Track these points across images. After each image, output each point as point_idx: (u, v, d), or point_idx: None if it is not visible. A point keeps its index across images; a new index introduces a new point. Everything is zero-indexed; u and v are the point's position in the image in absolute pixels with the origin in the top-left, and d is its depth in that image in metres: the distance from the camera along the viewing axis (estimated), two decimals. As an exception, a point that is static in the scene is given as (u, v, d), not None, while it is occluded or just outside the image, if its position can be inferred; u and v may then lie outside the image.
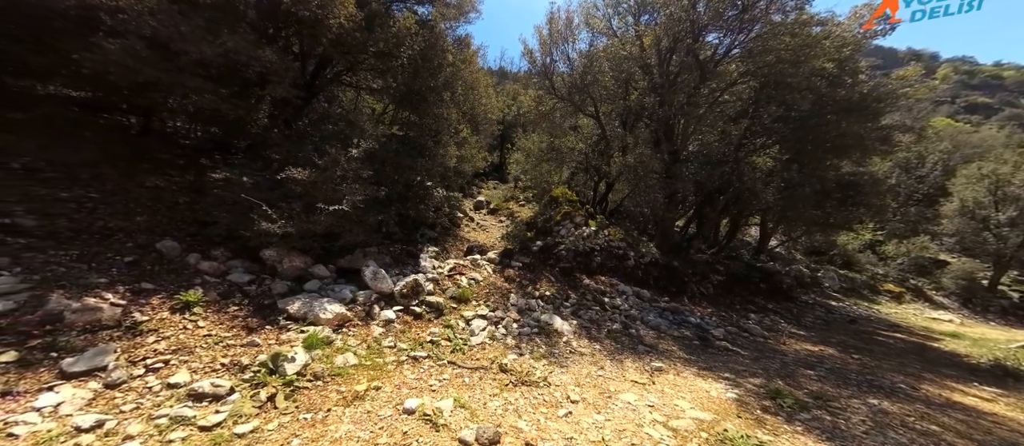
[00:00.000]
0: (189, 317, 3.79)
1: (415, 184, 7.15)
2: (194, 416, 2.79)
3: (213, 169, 6.67)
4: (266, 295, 4.49)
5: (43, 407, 2.59)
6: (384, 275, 5.19)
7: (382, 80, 8.01)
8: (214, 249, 4.92)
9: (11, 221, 4.12)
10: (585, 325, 5.71)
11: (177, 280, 4.28)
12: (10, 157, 4.85)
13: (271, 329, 3.97)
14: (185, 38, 4.79)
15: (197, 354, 3.42)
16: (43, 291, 3.41)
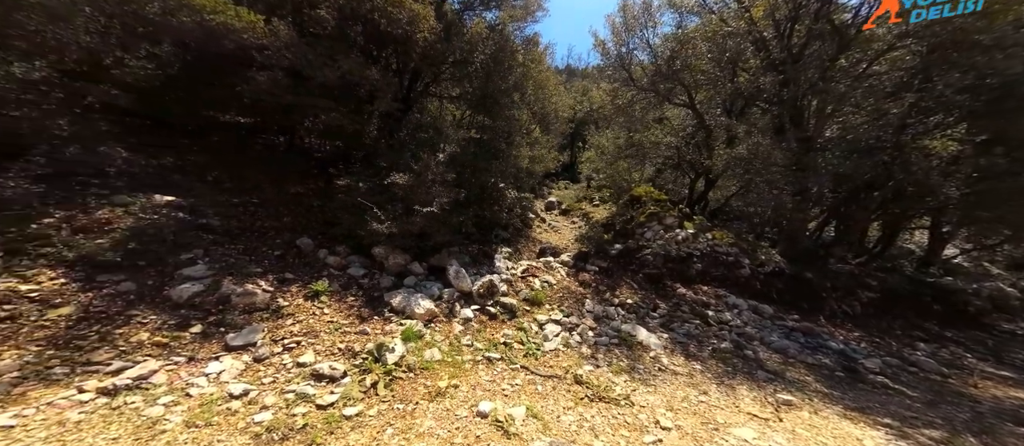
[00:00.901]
0: (317, 304, 4.37)
1: (489, 186, 7.23)
2: (314, 394, 3.16)
3: (337, 177, 7.67)
4: (375, 288, 4.96)
5: (210, 373, 3.20)
6: (464, 274, 5.33)
7: (459, 87, 8.28)
8: (338, 246, 5.62)
9: (206, 221, 5.25)
10: (680, 340, 5.09)
11: (310, 272, 4.98)
12: (205, 172, 6.21)
13: (378, 320, 4.36)
14: (312, 65, 5.55)
15: (321, 338, 3.91)
16: (220, 277, 4.25)
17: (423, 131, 7.68)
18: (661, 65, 8.33)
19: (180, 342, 3.43)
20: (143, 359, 3.14)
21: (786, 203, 7.40)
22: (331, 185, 7.55)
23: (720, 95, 8.72)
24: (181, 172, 6.12)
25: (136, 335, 3.34)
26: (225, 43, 5.54)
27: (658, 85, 8.54)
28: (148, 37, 5.65)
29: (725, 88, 8.42)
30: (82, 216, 4.36)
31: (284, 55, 5.54)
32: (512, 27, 8.16)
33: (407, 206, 5.33)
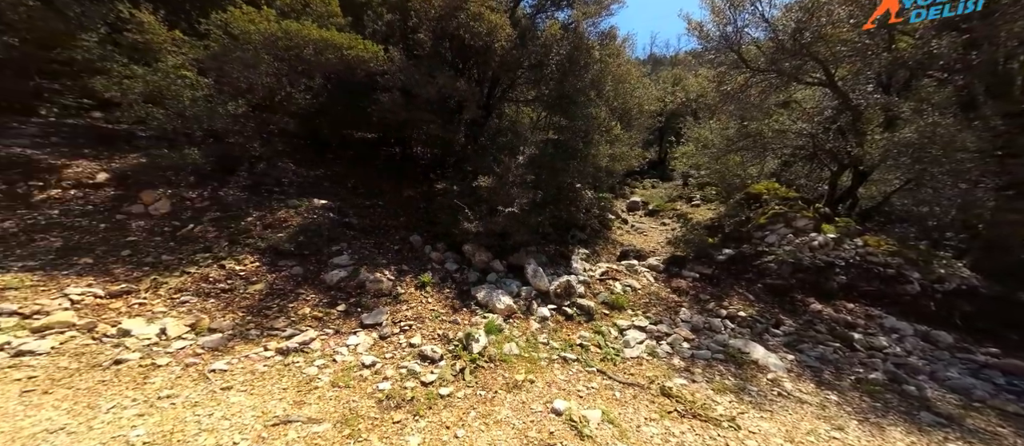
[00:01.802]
0: (424, 294, 4.74)
1: (566, 186, 6.78)
2: (419, 372, 3.44)
3: (436, 181, 8.18)
4: (464, 282, 5.20)
5: (350, 345, 3.66)
6: (542, 274, 5.22)
7: (534, 90, 7.88)
8: (438, 243, 6.01)
9: (348, 220, 6.02)
10: (811, 364, 4.14)
11: (419, 265, 5.42)
12: (345, 180, 7.11)
13: (466, 311, 4.57)
14: (418, 84, 5.92)
15: (426, 323, 4.24)
16: (358, 266, 4.85)
17: (502, 135, 7.58)
18: (784, 40, 6.45)
19: (330, 317, 4.01)
20: (305, 329, 3.74)
21: (984, 200, 5.42)
22: (432, 188, 8.10)
23: (871, 67, 6.44)
24: (329, 180, 7.10)
25: (301, 309, 3.99)
26: (357, 72, 6.10)
27: (781, 64, 6.60)
28: (305, 74, 6.38)
29: (878, 58, 6.09)
30: (269, 216, 5.32)
31: (398, 77, 5.96)
32: (587, 24, 7.33)
33: (491, 207, 5.41)
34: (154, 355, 3.00)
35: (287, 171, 6.64)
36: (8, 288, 3.27)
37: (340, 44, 5.67)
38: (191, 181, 5.41)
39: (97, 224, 4.42)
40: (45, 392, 2.51)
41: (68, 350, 2.88)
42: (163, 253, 4.22)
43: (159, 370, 2.87)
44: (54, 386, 2.56)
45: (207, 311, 3.63)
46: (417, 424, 2.86)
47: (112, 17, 5.86)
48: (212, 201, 5.22)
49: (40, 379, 2.60)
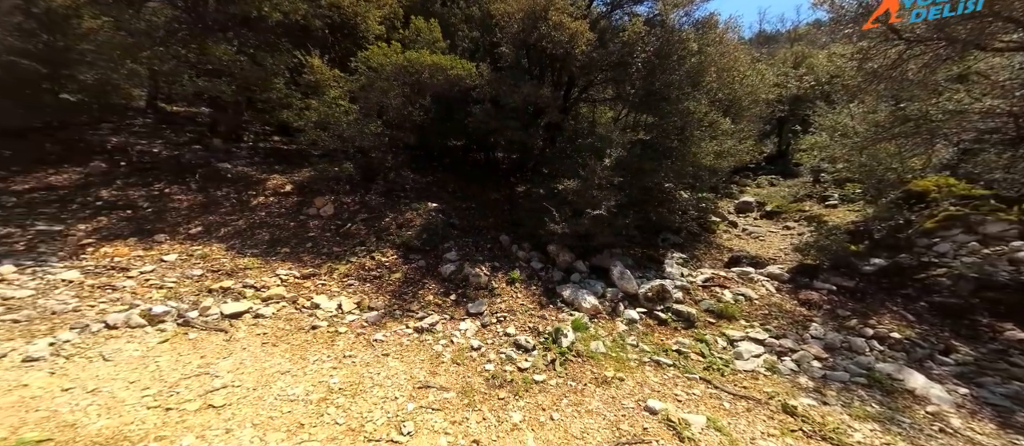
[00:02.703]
0: (514, 289, 4.94)
1: (652, 187, 6.08)
2: (515, 359, 3.63)
3: (516, 184, 8.33)
4: (549, 280, 5.28)
5: (462, 330, 4.02)
6: (629, 276, 5.01)
7: (614, 88, 7.17)
8: (523, 242, 6.17)
9: (453, 221, 6.50)
10: (994, 402, 3.22)
11: (508, 262, 5.64)
12: (447, 185, 7.67)
13: (552, 308, 4.65)
14: (504, 94, 6.04)
15: (517, 316, 4.43)
16: (462, 262, 5.25)
17: (581, 137, 7.15)
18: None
19: (446, 304, 4.43)
20: (430, 313, 4.20)
21: None
22: (513, 191, 8.28)
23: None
24: (436, 186, 7.72)
25: (427, 296, 4.48)
26: (455, 89, 6.36)
27: (953, 29, 4.83)
28: (420, 94, 6.66)
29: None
30: (400, 217, 6.01)
31: (487, 89, 6.11)
32: (678, 14, 6.37)
33: (574, 209, 5.32)
34: (336, 324, 3.66)
35: (408, 179, 7.41)
36: (248, 268, 4.28)
37: (445, 66, 5.96)
38: (347, 189, 6.37)
39: (288, 223, 5.51)
40: (273, 344, 3.23)
41: (282, 315, 3.67)
42: (333, 246, 5.10)
43: (340, 336, 3.50)
44: (278, 340, 3.29)
45: (366, 293, 4.30)
46: (518, 403, 3.03)
47: (293, 63, 7.08)
48: (361, 205, 6.09)
49: (269, 334, 3.36)
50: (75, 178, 5.80)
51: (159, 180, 6.00)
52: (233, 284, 3.92)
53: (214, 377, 2.63)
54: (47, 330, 2.91)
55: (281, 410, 2.44)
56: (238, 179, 6.27)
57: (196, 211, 5.41)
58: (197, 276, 4.04)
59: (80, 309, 3.21)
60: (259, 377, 2.72)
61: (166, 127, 8.20)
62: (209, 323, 3.27)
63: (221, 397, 2.45)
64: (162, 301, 3.40)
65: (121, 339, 2.89)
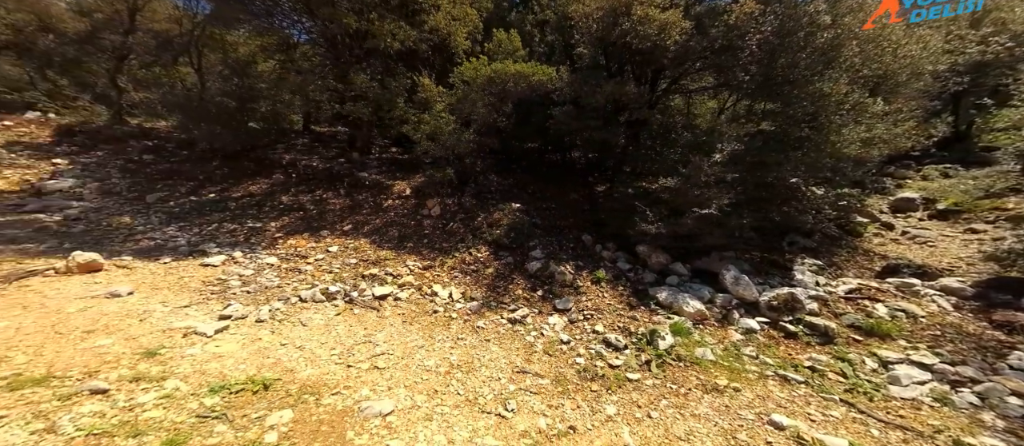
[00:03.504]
0: (600, 288, 5.16)
1: (775, 183, 5.40)
2: (605, 355, 3.89)
3: (595, 184, 8.31)
4: (639, 282, 5.30)
5: (550, 324, 4.45)
6: (747, 282, 4.67)
7: (716, 76, 6.53)
8: (608, 243, 6.27)
9: (535, 221, 6.99)
10: None
11: (592, 262, 5.85)
12: (527, 187, 8.20)
13: (644, 309, 4.71)
14: (585, 94, 6.16)
15: (604, 314, 4.66)
16: (547, 260, 5.70)
17: (673, 132, 6.86)
18: None
19: (533, 299, 4.94)
20: (521, 306, 4.76)
21: None
22: (592, 191, 8.32)
23: None
24: (517, 188, 8.33)
25: (516, 291, 5.07)
26: (534, 94, 6.80)
27: None
28: (503, 101, 7.19)
29: None
30: (490, 217, 6.79)
31: (567, 91, 6.38)
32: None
33: (673, 208, 5.18)
34: (449, 310, 4.52)
35: (493, 181, 8.22)
36: (386, 259, 5.57)
37: (527, 73, 6.47)
38: (448, 192, 7.50)
39: (410, 222, 6.82)
40: (409, 323, 4.21)
41: (412, 300, 4.70)
42: (442, 242, 6.15)
43: (453, 321, 4.33)
44: (413, 320, 4.26)
45: (467, 284, 5.13)
46: (610, 397, 3.30)
47: (408, 84, 8.53)
48: (459, 206, 7.11)
49: (406, 314, 4.37)
50: (265, 187, 8.25)
51: (318, 188, 8.04)
52: (378, 271, 5.17)
53: (375, 345, 3.65)
54: (264, 300, 4.37)
55: (421, 377, 3.26)
56: (372, 185, 8.00)
57: (346, 212, 7.11)
58: (353, 264, 5.43)
59: (281, 286, 4.75)
60: (404, 349, 3.65)
61: (318, 145, 10.80)
62: (366, 302, 4.46)
63: (382, 361, 3.41)
64: (333, 283, 4.78)
65: (310, 310, 4.22)
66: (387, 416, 2.70)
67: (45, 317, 3.47)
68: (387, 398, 2.89)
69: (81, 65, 12.64)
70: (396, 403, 2.84)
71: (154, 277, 4.63)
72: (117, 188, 7.91)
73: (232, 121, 8.82)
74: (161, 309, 3.84)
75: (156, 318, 3.66)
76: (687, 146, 5.80)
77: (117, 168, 8.71)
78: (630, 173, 6.55)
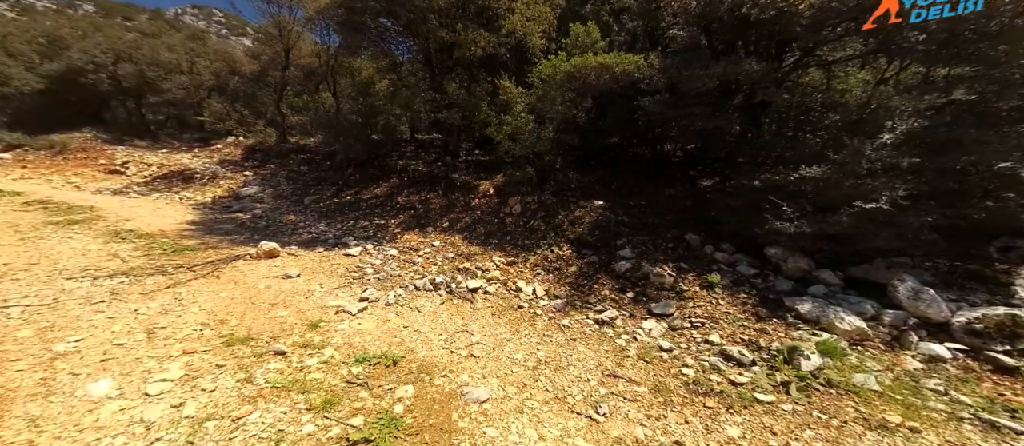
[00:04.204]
0: (712, 294, 4.55)
1: (971, 169, 4.21)
2: (724, 370, 3.38)
3: (699, 178, 7.39)
4: (770, 290, 4.49)
5: (645, 328, 4.10)
6: (933, 297, 3.62)
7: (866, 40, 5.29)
8: (723, 243, 5.51)
9: (621, 218, 6.64)
10: None
11: (700, 264, 5.22)
12: (610, 183, 7.82)
13: (779, 322, 3.96)
14: (683, 79, 5.59)
15: (721, 324, 4.07)
16: (639, 261, 5.31)
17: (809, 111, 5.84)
18: None
19: (622, 301, 4.64)
20: (608, 307, 4.51)
21: None
22: (695, 186, 7.46)
23: None
24: (599, 184, 8.05)
25: (602, 291, 4.84)
26: (616, 86, 6.57)
27: None
28: (583, 96, 7.15)
29: None
30: (570, 214, 6.72)
31: (659, 79, 6.07)
32: None
33: (819, 204, 4.33)
34: (533, 306, 4.58)
35: (573, 179, 8.13)
36: (476, 255, 5.99)
37: (610, 64, 6.33)
38: (528, 190, 7.74)
39: (493, 219, 7.25)
40: (497, 316, 4.40)
41: (499, 294, 4.92)
42: (524, 239, 6.34)
43: (538, 317, 4.36)
44: (500, 313, 4.45)
45: (550, 282, 5.13)
46: (732, 417, 2.84)
47: (489, 88, 9.22)
48: (539, 204, 7.25)
49: (494, 308, 4.59)
50: (385, 190, 9.71)
51: (423, 189, 9.15)
52: (470, 266, 5.57)
53: (470, 334, 3.90)
54: (390, 286, 5.01)
55: (511, 369, 3.35)
56: (463, 186, 8.80)
57: (444, 210, 7.94)
58: (451, 258, 5.94)
59: (401, 275, 5.42)
60: (494, 341, 3.82)
61: (421, 151, 12.39)
62: (462, 293, 4.82)
63: (477, 350, 3.61)
64: (437, 274, 5.31)
65: (422, 298, 4.72)
66: (483, 403, 2.84)
67: (246, 291, 4.48)
68: (483, 386, 3.05)
69: (256, 98, 17.51)
70: (491, 392, 2.97)
71: (312, 263, 5.69)
72: (284, 193, 10.44)
73: (359, 134, 10.91)
74: (319, 289, 4.70)
75: (316, 297, 4.47)
76: (837, 127, 4.82)
77: (284, 177, 11.51)
78: (748, 164, 5.73)
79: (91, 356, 3.01)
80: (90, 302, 3.91)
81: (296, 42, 14.65)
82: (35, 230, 6.40)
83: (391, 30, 10.22)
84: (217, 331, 3.52)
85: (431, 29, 8.47)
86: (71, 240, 6.02)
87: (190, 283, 4.63)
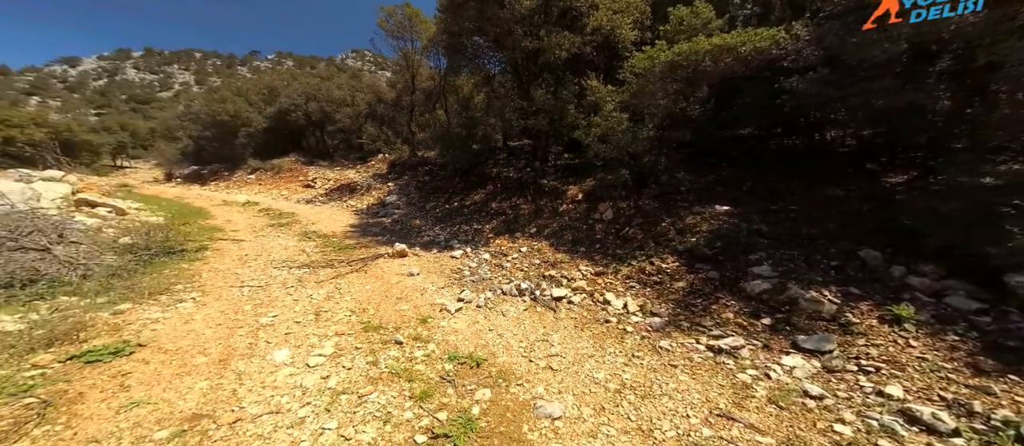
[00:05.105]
0: (899, 332, 3.47)
1: None
2: (904, 436, 2.54)
3: (881, 174, 5.64)
4: (1009, 334, 3.16)
5: (784, 365, 3.38)
6: None
7: None
8: (923, 264, 4.14)
9: (757, 227, 5.67)
10: None
11: (882, 290, 4.03)
12: (739, 183, 6.72)
13: (1017, 380, 2.75)
14: (852, 48, 4.51)
15: (908, 373, 3.07)
16: (784, 280, 4.43)
17: None
18: None
19: (753, 328, 3.93)
20: (731, 333, 3.89)
21: None
22: (876, 184, 5.74)
23: None
24: (723, 185, 7.03)
25: (724, 313, 4.21)
26: (744, 68, 5.77)
27: None
28: (694, 85, 6.46)
29: None
30: (679, 221, 6.10)
31: (809, 53, 5.15)
32: None
33: None
34: (623, 322, 4.33)
35: (683, 180, 7.34)
36: (562, 262, 6.07)
37: (734, 44, 5.64)
38: (622, 194, 7.39)
39: (581, 226, 7.19)
40: (581, 329, 4.33)
41: (584, 305, 4.83)
42: (616, 248, 6.08)
43: (628, 335, 4.10)
44: (584, 326, 4.37)
45: (647, 297, 4.76)
46: (916, 512, 2.09)
47: (576, 90, 9.28)
48: (636, 210, 6.82)
49: (578, 320, 4.54)
50: (482, 196, 10.85)
51: (513, 195, 9.89)
52: (555, 273, 5.69)
53: (550, 344, 3.96)
54: (482, 289, 5.50)
55: (589, 388, 3.25)
56: (550, 191, 9.13)
57: (532, 216, 8.37)
58: (537, 265, 6.20)
59: (491, 279, 5.90)
60: (575, 355, 3.78)
61: (512, 158, 13.44)
62: (546, 301, 4.93)
63: (556, 363, 3.64)
64: (523, 280, 5.60)
65: (507, 303, 5.04)
66: (555, 420, 2.85)
67: (381, 285, 5.41)
68: (557, 402, 3.06)
69: (395, 120, 22.05)
70: (565, 409, 2.96)
71: (429, 263, 6.62)
72: (413, 200, 12.73)
73: (463, 145, 12.66)
74: (431, 287, 5.42)
75: (428, 294, 5.18)
76: None
77: (413, 187, 14.00)
78: (969, 151, 4.26)
79: (280, 329, 4.15)
80: (285, 286, 5.43)
81: (418, 69, 18.06)
82: (261, 230, 9.42)
83: (483, 46, 11.43)
84: (359, 318, 4.43)
85: (516, 39, 9.09)
86: (279, 238, 8.57)
87: (347, 276, 5.97)
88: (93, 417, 2.66)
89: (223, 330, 4.07)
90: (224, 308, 4.63)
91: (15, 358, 3.20)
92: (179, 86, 66.22)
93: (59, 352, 3.37)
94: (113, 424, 2.60)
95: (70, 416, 2.64)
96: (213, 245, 7.61)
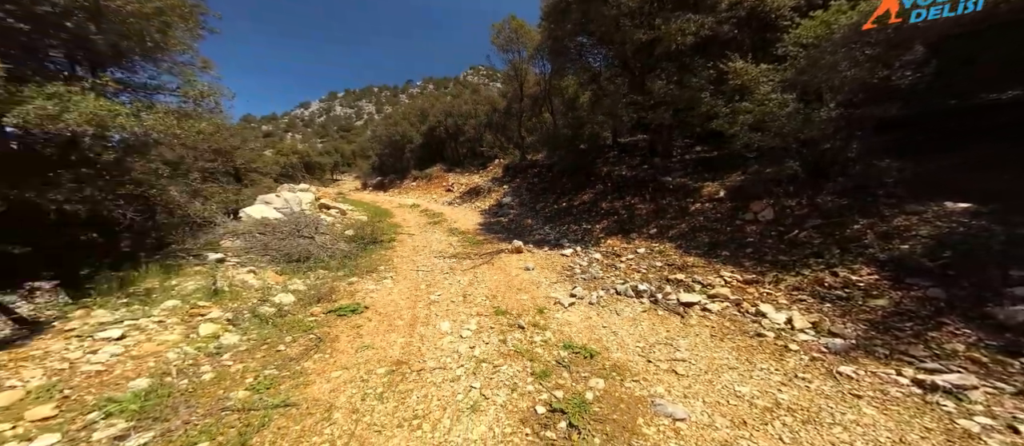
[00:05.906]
0: None
1: None
2: None
3: None
4: None
5: (1058, 424, 2.44)
6: None
7: None
8: None
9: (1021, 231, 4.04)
10: None
11: None
12: (983, 169, 4.74)
13: None
14: None
15: None
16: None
17: None
18: None
19: (1004, 368, 2.92)
20: (957, 369, 2.99)
21: None
22: None
23: None
24: (958, 172, 5.30)
25: (949, 343, 3.25)
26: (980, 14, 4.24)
27: None
28: (897, 48, 5.22)
29: None
30: (881, 223, 4.85)
31: None
32: None
33: None
34: (785, 339, 3.81)
35: (888, 169, 5.67)
36: (694, 266, 5.67)
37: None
38: (788, 190, 6.26)
39: (724, 227, 6.47)
40: (720, 339, 4.02)
41: (726, 314, 4.43)
42: (778, 254, 5.26)
43: (790, 353, 3.60)
44: (724, 337, 4.04)
45: (825, 313, 4.02)
46: None
47: (711, 76, 8.22)
48: (811, 208, 5.69)
49: (716, 329, 4.22)
50: (591, 196, 11.05)
51: (627, 194, 9.71)
52: (683, 277, 5.40)
53: (675, 349, 3.86)
54: (594, 287, 5.76)
55: (728, 400, 3.06)
56: (677, 189, 8.55)
57: (651, 216, 8.08)
58: (658, 267, 6.04)
59: (603, 278, 6.10)
60: (709, 363, 3.58)
61: (624, 155, 13.06)
62: (670, 305, 4.80)
63: (681, 368, 3.55)
64: (640, 282, 5.57)
65: (622, 303, 5.14)
66: (677, 421, 2.85)
67: (505, 277, 6.27)
68: (681, 404, 3.03)
69: (507, 127, 24.36)
70: (691, 413, 2.92)
71: (541, 260, 7.34)
72: (525, 201, 13.99)
73: (570, 145, 13.30)
74: (545, 282, 6.04)
75: (543, 288, 5.79)
76: None
77: (524, 188, 15.35)
78: None
79: (443, 305, 5.27)
80: (442, 272, 6.89)
81: (525, 77, 19.75)
82: (424, 227, 12.01)
83: (587, 45, 11.50)
84: (492, 303, 5.30)
85: (626, 33, 8.71)
86: (434, 233, 10.79)
87: (480, 267, 7.15)
88: (343, 352, 4.03)
89: (409, 301, 5.47)
90: (409, 285, 6.17)
91: (304, 308, 5.07)
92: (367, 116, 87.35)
93: (323, 307, 5.16)
94: (354, 359, 3.89)
95: (331, 351, 4.06)
96: (397, 238, 10.08)
